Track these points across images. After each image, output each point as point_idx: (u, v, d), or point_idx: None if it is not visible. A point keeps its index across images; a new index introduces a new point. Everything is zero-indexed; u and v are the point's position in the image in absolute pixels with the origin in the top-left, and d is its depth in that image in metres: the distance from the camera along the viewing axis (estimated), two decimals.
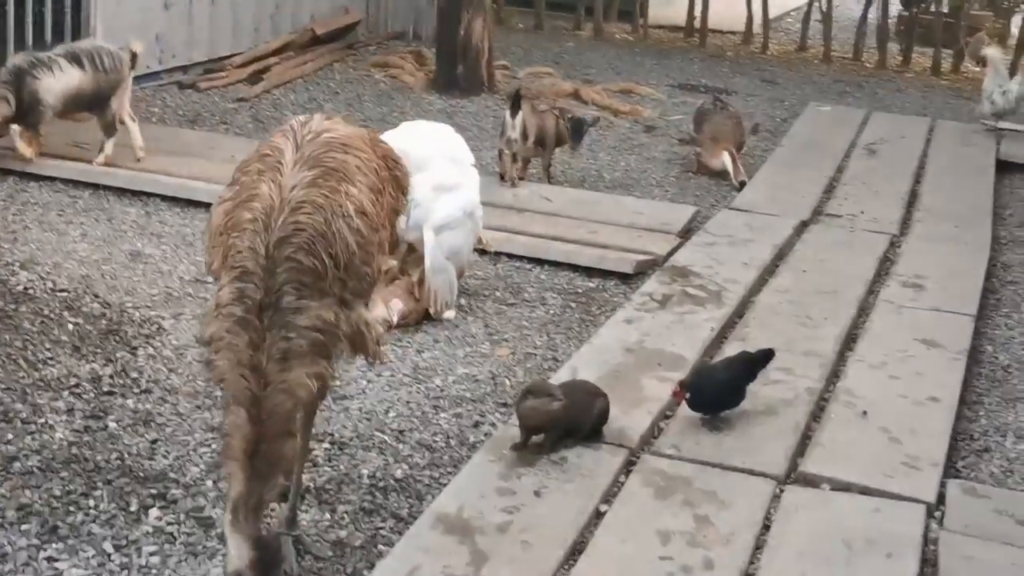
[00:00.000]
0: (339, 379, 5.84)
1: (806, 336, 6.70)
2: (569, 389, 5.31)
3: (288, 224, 4.10)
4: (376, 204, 4.41)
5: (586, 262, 7.77)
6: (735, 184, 9.67)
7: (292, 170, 4.24)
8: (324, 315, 4.09)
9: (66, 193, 8.31)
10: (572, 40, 15.68)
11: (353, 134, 4.52)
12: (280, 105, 11.04)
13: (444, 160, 6.73)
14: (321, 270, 4.11)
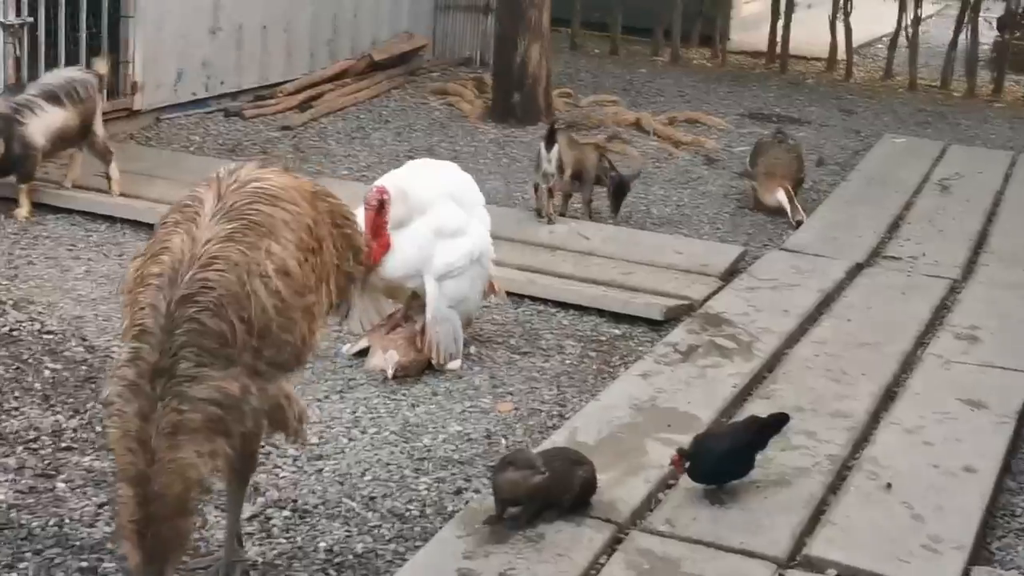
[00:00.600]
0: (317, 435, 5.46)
1: (837, 394, 6.17)
2: (550, 457, 4.85)
3: (195, 280, 3.71)
4: (305, 265, 4.01)
5: (612, 307, 7.30)
6: (791, 222, 9.13)
7: (209, 222, 3.86)
8: (226, 387, 3.68)
9: (82, 227, 8.03)
10: (646, 66, 15.21)
11: (287, 185, 4.13)
12: (325, 134, 10.70)
13: (448, 202, 6.31)
14: (229, 335, 3.71)
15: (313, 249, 4.08)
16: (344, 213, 4.49)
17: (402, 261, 6.11)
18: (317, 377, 6.14)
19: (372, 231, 6.00)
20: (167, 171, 9.04)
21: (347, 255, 4.45)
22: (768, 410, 5.75)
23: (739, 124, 12.30)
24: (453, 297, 6.27)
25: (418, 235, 6.14)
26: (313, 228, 4.10)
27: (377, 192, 6.00)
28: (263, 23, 11.46)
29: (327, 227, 4.27)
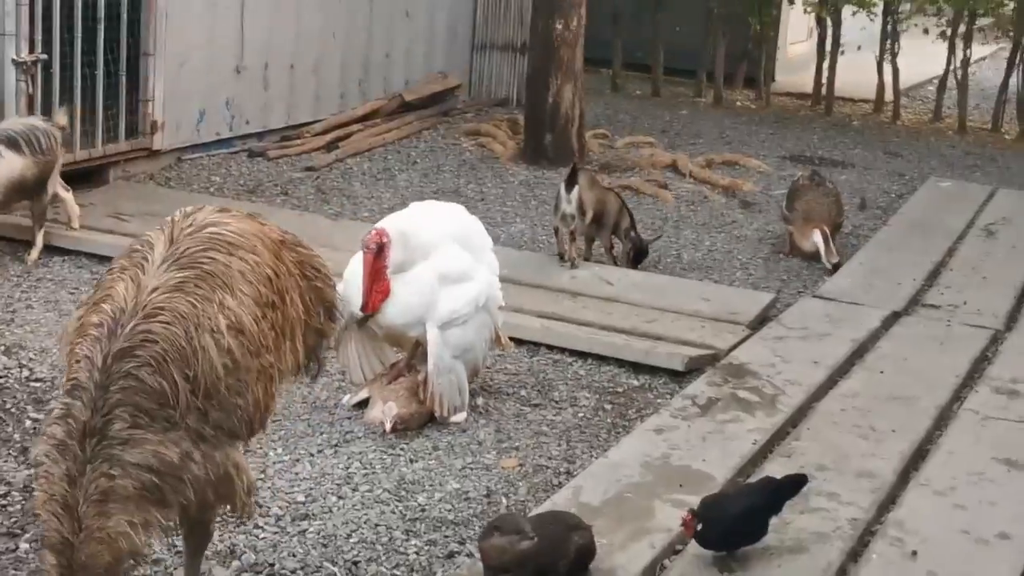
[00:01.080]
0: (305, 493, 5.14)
1: (864, 452, 5.80)
2: (543, 522, 4.52)
3: (136, 332, 3.41)
4: (263, 321, 3.69)
5: (632, 356, 6.94)
6: (827, 267, 8.76)
7: (158, 268, 3.56)
8: (163, 453, 3.37)
9: (88, 269, 7.78)
10: (688, 107, 14.88)
11: (248, 231, 3.81)
12: (350, 175, 10.44)
13: (453, 245, 5.98)
14: (170, 394, 3.40)
15: (273, 304, 3.77)
16: (316, 264, 4.19)
17: (402, 308, 5.79)
18: (312, 430, 5.83)
19: (371, 276, 5.70)
20: None
21: (317, 310, 4.14)
22: (788, 469, 5.42)
23: (779, 167, 11.94)
24: (457, 346, 5.94)
25: (420, 281, 5.83)
26: (274, 280, 3.79)
27: (376, 235, 5.70)
28: (291, 62, 11.23)
29: (294, 279, 3.96)
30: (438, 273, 5.86)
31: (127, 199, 9.06)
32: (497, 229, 9.28)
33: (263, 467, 5.42)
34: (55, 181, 7.89)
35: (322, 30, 11.56)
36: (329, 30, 11.66)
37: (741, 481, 5.42)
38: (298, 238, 4.23)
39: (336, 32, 11.76)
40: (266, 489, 5.22)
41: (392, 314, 5.80)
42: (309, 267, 4.12)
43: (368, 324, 5.89)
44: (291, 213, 9.11)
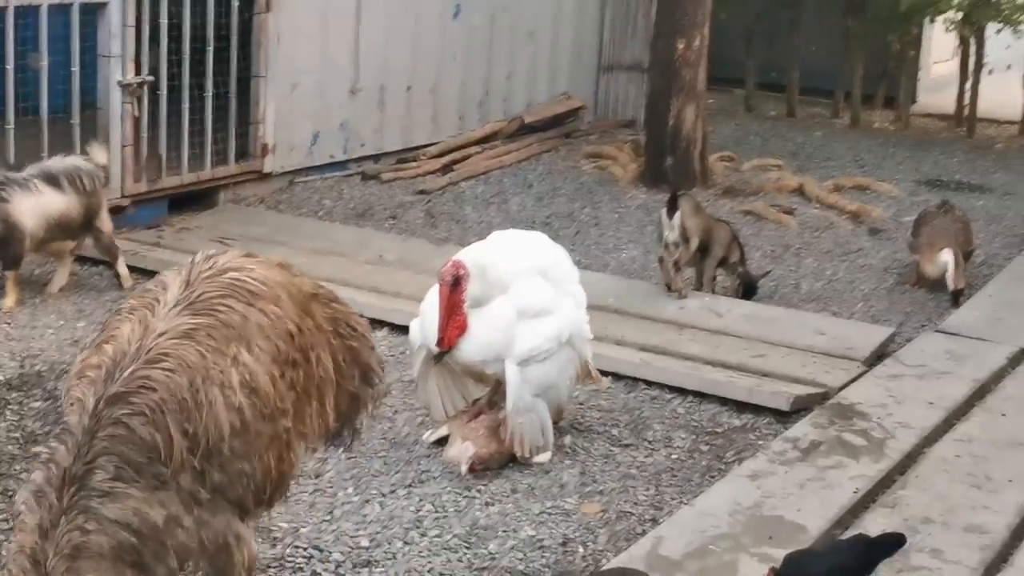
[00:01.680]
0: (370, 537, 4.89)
1: (976, 504, 5.37)
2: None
3: (134, 378, 3.17)
4: (280, 381, 3.41)
5: (734, 394, 6.58)
6: (950, 288, 8.28)
7: (169, 312, 3.32)
8: (146, 512, 3.10)
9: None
10: (822, 129, 14.42)
11: (273, 281, 3.55)
12: (463, 199, 10.21)
13: (535, 277, 5.69)
14: (163, 448, 3.14)
15: (295, 362, 3.50)
16: (352, 323, 3.93)
17: (479, 344, 5.52)
18: (388, 468, 5.59)
19: (447, 310, 5.43)
20: (286, 237, 8.66)
21: (352, 372, 3.88)
22: (890, 521, 5.05)
23: (913, 192, 11.43)
24: (539, 384, 5.64)
25: (498, 316, 5.54)
26: (297, 336, 3.52)
27: (452, 267, 5.43)
28: (407, 84, 11.06)
29: (324, 337, 3.70)
30: (517, 307, 5.56)
31: (233, 222, 8.95)
32: (607, 256, 8.99)
33: (331, 507, 5.19)
34: (105, 219, 7.60)
35: (441, 51, 11.38)
36: (448, 51, 11.47)
37: (835, 535, 5.03)
38: (334, 294, 3.99)
39: (455, 53, 11.56)
40: (330, 532, 4.98)
41: (469, 350, 5.52)
42: (344, 325, 3.87)
43: (445, 360, 5.62)
44: (396, 237, 8.92)
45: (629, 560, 4.75)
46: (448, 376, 5.90)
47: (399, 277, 7.98)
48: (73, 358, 6.18)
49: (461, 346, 5.50)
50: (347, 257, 8.33)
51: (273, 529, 4.95)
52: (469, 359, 5.55)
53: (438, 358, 5.61)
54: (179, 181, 9.03)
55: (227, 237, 8.57)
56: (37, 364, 6.41)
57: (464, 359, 5.56)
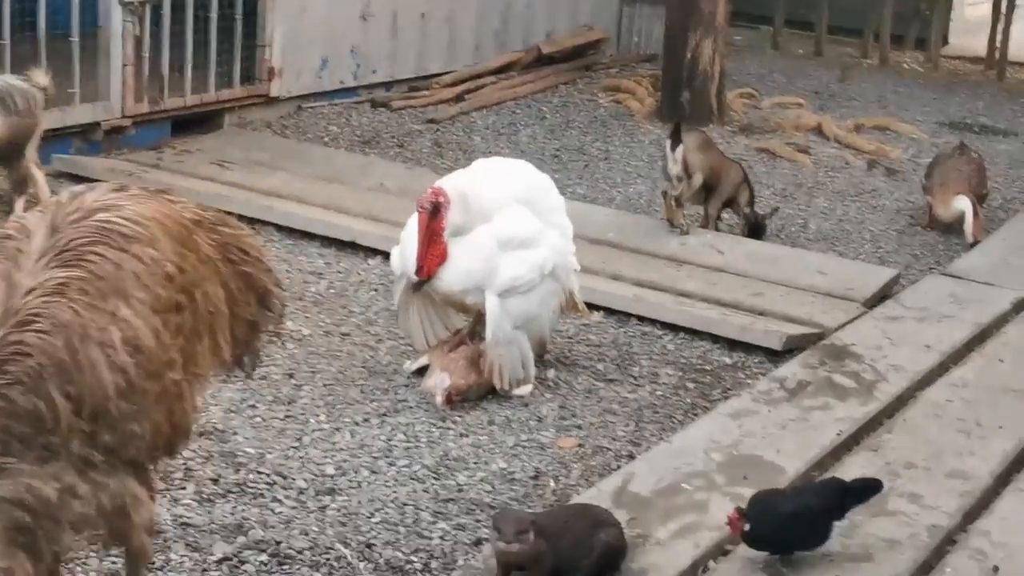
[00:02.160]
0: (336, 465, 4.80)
1: (961, 450, 5.25)
2: (565, 518, 4.11)
3: (6, 344, 2.90)
4: (164, 332, 3.15)
5: (726, 332, 6.45)
6: (968, 239, 8.10)
7: (36, 264, 3.03)
8: (39, 488, 2.88)
9: None
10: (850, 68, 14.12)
11: (146, 217, 3.24)
12: (473, 128, 10.06)
13: (518, 207, 5.55)
14: (48, 416, 2.90)
15: (178, 306, 3.23)
16: (243, 246, 3.65)
17: (459, 273, 5.39)
18: (364, 396, 5.49)
19: (426, 238, 5.31)
20: (287, 162, 8.54)
21: (248, 299, 3.63)
22: (871, 465, 4.94)
23: (935, 133, 11.19)
24: (519, 316, 5.52)
25: (479, 245, 5.41)
26: (177, 277, 3.23)
27: (432, 194, 5.30)
28: (421, 11, 10.88)
29: (211, 267, 3.43)
30: (499, 237, 5.43)
31: (235, 146, 8.83)
32: (614, 190, 8.85)
33: (300, 434, 5.10)
34: (33, 148, 7.06)
35: None
36: None
37: (812, 477, 4.92)
38: (223, 217, 3.73)
39: None
40: (296, 459, 4.90)
41: (448, 280, 5.40)
42: (235, 249, 3.60)
43: (425, 289, 5.50)
44: (401, 166, 8.79)
45: (598, 495, 4.65)
46: (430, 306, 5.79)
47: (399, 206, 7.80)
48: None
49: (441, 275, 5.38)
50: (348, 184, 8.20)
51: (238, 454, 4.87)
52: (449, 289, 5.44)
53: (417, 287, 5.49)
54: (182, 103, 8.91)
55: (228, 161, 8.46)
56: None
57: (444, 289, 5.44)
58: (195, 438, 4.86)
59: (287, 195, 7.86)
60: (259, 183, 8.04)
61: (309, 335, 6.05)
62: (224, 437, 4.99)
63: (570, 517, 4.14)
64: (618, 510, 4.50)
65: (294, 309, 6.32)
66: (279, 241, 7.28)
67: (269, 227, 7.44)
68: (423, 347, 5.80)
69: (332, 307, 6.42)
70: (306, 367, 5.70)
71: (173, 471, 4.69)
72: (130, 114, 8.52)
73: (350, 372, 5.71)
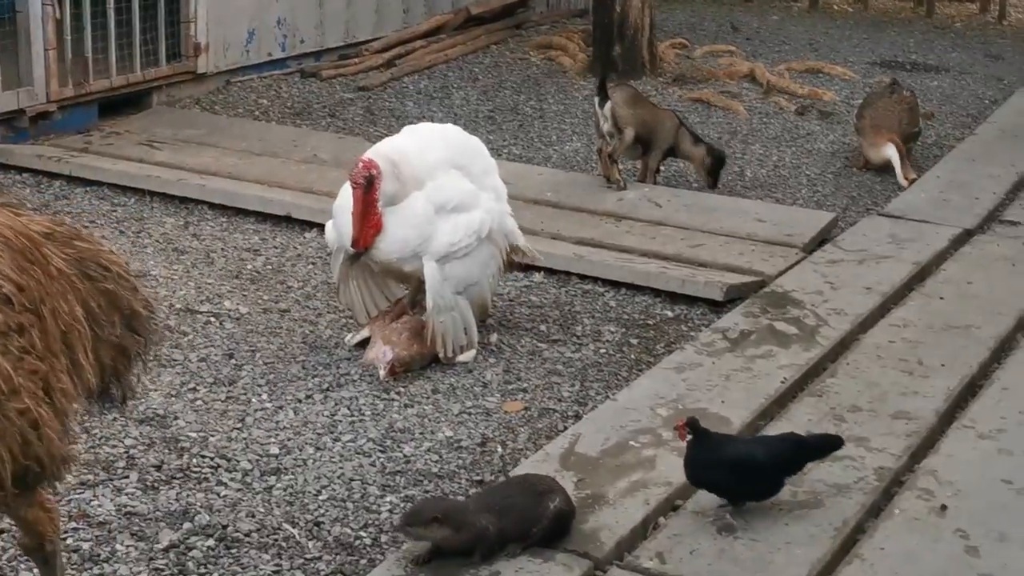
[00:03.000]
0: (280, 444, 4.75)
1: (906, 390, 5.26)
2: (509, 491, 4.09)
3: None
4: (6, 358, 2.95)
5: (667, 285, 6.43)
6: (901, 184, 8.12)
7: None
8: None
9: (110, 200, 7.45)
10: (780, 13, 14.15)
11: None
12: (405, 94, 9.98)
13: (451, 172, 5.50)
14: None
15: (21, 327, 2.99)
16: (103, 262, 3.38)
17: (396, 241, 5.34)
18: (306, 372, 5.44)
19: (361, 211, 5.24)
20: (218, 138, 8.45)
21: (112, 318, 3.35)
22: (816, 410, 4.98)
23: (867, 73, 11.23)
24: (459, 281, 5.48)
25: (414, 212, 5.36)
26: (17, 297, 2.99)
27: (363, 167, 5.24)
28: None
29: (63, 284, 3.18)
30: (434, 203, 5.39)
31: (164, 125, 8.73)
32: (550, 148, 8.80)
33: (243, 415, 5.05)
34: None
35: None
36: None
37: (759, 426, 4.92)
38: (77, 230, 3.47)
39: None
40: (240, 440, 4.85)
41: (386, 249, 5.35)
42: (94, 265, 3.34)
43: (364, 260, 5.45)
44: (333, 136, 8.72)
45: (545, 458, 4.63)
46: (369, 277, 5.74)
47: (332, 176, 7.74)
48: None
49: (378, 245, 5.33)
50: (280, 157, 8.12)
51: (180, 439, 4.81)
52: (387, 258, 5.39)
53: (355, 259, 5.44)
54: (108, 84, 8.78)
55: (157, 140, 8.37)
56: None
57: (381, 258, 5.39)
58: (136, 425, 4.85)
59: (219, 172, 7.78)
60: (190, 161, 7.95)
61: (247, 313, 5.98)
62: (165, 423, 4.93)
63: (512, 491, 4.11)
64: (566, 472, 4.49)
65: (231, 288, 6.26)
66: (213, 219, 7.19)
67: (203, 205, 7.36)
68: (364, 319, 5.75)
69: (270, 283, 6.36)
70: (245, 346, 5.64)
71: (115, 460, 4.64)
72: (55, 99, 8.39)
73: (291, 348, 5.65)
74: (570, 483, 4.38)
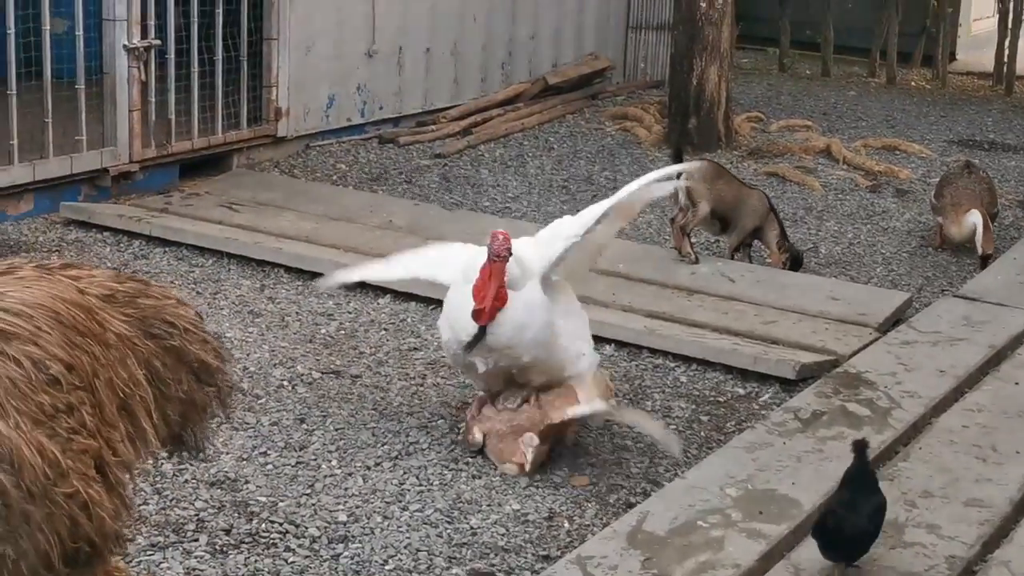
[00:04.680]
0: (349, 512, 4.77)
1: (979, 476, 5.20)
2: None
3: None
4: (54, 442, 2.82)
5: (739, 362, 6.41)
6: (979, 252, 8.05)
7: None
8: None
9: (188, 261, 7.54)
10: (856, 88, 14.14)
11: (35, 304, 2.91)
12: (480, 162, 10.05)
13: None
14: None
15: (70, 407, 2.89)
16: (168, 318, 3.29)
17: (515, 325, 5.15)
18: (376, 439, 5.46)
19: (494, 284, 5.07)
20: (296, 202, 8.53)
21: (178, 376, 3.28)
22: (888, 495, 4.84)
23: (944, 152, 11.18)
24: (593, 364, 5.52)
25: (532, 299, 5.22)
26: (65, 378, 2.89)
27: (505, 240, 5.06)
28: (427, 45, 10.90)
29: (123, 349, 3.10)
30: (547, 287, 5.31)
31: (243, 188, 8.84)
32: None
33: (312, 480, 5.07)
34: None
35: (461, 11, 11.20)
36: (469, 11, 11.29)
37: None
38: (143, 285, 3.38)
39: (476, 13, 11.38)
40: (309, 506, 4.87)
41: (503, 333, 5.14)
42: (158, 323, 3.26)
43: (477, 349, 5.22)
44: (408, 202, 8.79)
45: (613, 535, 4.61)
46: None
47: (407, 243, 7.81)
48: None
49: (496, 328, 5.14)
50: (356, 223, 8.20)
51: (250, 503, 4.84)
52: (505, 342, 5.19)
53: (468, 347, 5.23)
54: (189, 146, 8.93)
55: (236, 203, 8.47)
56: None
57: (499, 343, 5.18)
58: (207, 488, 4.88)
59: (296, 236, 7.86)
60: (268, 224, 8.03)
61: (320, 378, 6.02)
62: (236, 486, 4.96)
63: None
64: (633, 550, 4.47)
65: (304, 352, 6.31)
66: (289, 283, 7.26)
67: (279, 268, 7.43)
68: None
69: (343, 348, 6.40)
70: (317, 411, 5.68)
71: (185, 522, 4.67)
72: (137, 159, 8.54)
73: (361, 415, 5.68)
74: (637, 562, 4.36)
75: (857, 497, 4.38)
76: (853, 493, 4.41)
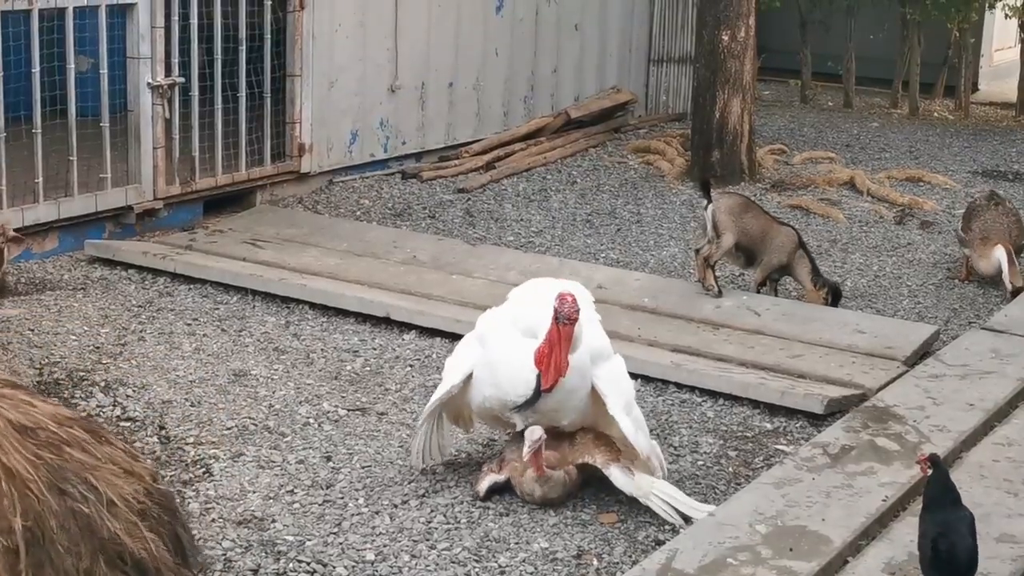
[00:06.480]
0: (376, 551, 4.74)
1: (1010, 512, 5.16)
2: None
3: None
4: None
5: (765, 397, 6.38)
6: (1008, 288, 8.02)
7: None
8: None
9: (213, 298, 7.54)
10: (879, 119, 14.11)
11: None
12: (503, 196, 10.06)
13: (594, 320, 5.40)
14: None
15: (13, 550, 2.59)
16: (93, 480, 2.83)
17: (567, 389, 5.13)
18: (402, 478, 5.44)
19: (564, 350, 5.00)
20: (320, 238, 8.55)
21: (82, 550, 2.77)
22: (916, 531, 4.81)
23: (968, 183, 11.14)
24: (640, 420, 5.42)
25: (581, 360, 5.15)
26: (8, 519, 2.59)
27: (574, 301, 4.97)
28: (449, 80, 10.92)
29: (7, 489, 2.67)
30: (591, 351, 5.24)
31: (267, 224, 8.85)
32: (647, 253, 8.81)
33: (340, 519, 5.05)
34: None
35: (483, 46, 11.23)
36: (491, 46, 11.31)
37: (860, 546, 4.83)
38: (92, 441, 2.92)
39: (498, 48, 11.40)
40: (336, 545, 4.85)
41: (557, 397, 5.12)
42: (77, 482, 2.81)
43: (524, 409, 5.16)
44: (432, 237, 8.79)
45: (642, 573, 4.58)
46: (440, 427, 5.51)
47: (431, 278, 7.85)
48: (94, 365, 6.12)
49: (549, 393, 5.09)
50: (380, 258, 8.20)
51: (278, 543, 4.83)
52: (553, 405, 5.15)
53: (523, 408, 5.14)
54: (213, 183, 8.95)
55: (260, 239, 8.48)
56: (56, 372, 6.32)
57: (546, 406, 5.13)
58: (234, 527, 4.86)
59: (320, 272, 7.86)
60: (292, 261, 8.04)
61: (345, 415, 6.01)
62: (263, 525, 4.94)
63: None
64: None
65: (330, 389, 6.30)
66: (314, 319, 7.25)
67: (304, 305, 7.42)
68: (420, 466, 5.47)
69: (368, 385, 6.39)
70: (343, 448, 5.66)
71: (212, 562, 4.65)
72: (162, 196, 8.56)
73: (387, 452, 5.67)
74: None
75: (952, 516, 4.36)
76: (947, 513, 4.38)
